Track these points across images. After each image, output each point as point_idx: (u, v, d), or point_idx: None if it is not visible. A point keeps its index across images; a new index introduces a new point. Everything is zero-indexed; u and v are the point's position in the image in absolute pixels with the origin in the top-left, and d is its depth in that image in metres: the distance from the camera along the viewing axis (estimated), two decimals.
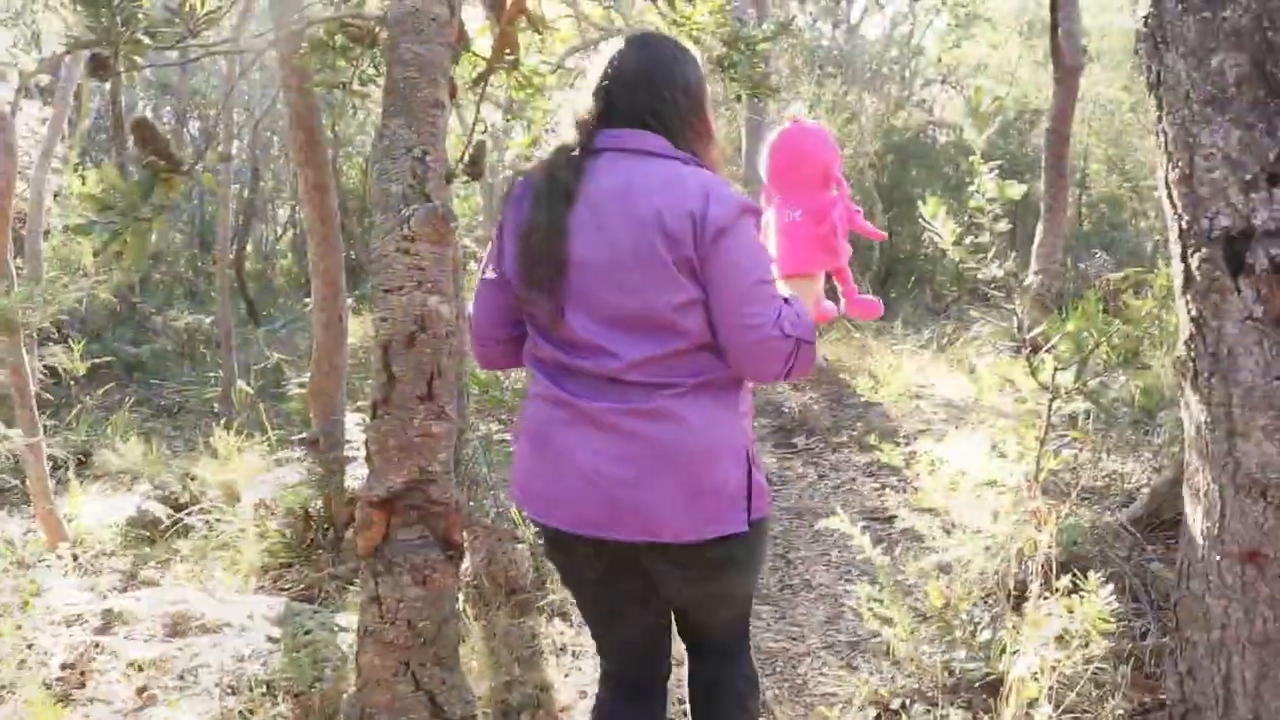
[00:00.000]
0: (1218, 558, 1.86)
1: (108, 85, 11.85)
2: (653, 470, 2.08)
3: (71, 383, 8.19)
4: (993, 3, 17.17)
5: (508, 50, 4.39)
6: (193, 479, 5.79)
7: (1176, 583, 1.97)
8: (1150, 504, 4.36)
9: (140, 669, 3.34)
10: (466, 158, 4.26)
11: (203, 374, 10.02)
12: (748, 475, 2.11)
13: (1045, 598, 2.93)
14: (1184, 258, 1.93)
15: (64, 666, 3.38)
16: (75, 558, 4.75)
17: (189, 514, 5.17)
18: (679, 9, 4.75)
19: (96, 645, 3.46)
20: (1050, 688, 2.82)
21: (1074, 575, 2.96)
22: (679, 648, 2.56)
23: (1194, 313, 1.91)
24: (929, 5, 17.24)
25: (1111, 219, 13.01)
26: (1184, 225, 1.92)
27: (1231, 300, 1.83)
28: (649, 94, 2.18)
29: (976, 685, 3.11)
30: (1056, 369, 2.89)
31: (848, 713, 3.24)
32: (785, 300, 2.08)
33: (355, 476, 4.64)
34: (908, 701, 3.18)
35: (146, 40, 3.18)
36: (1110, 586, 2.79)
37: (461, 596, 3.46)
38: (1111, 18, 18.21)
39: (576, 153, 2.21)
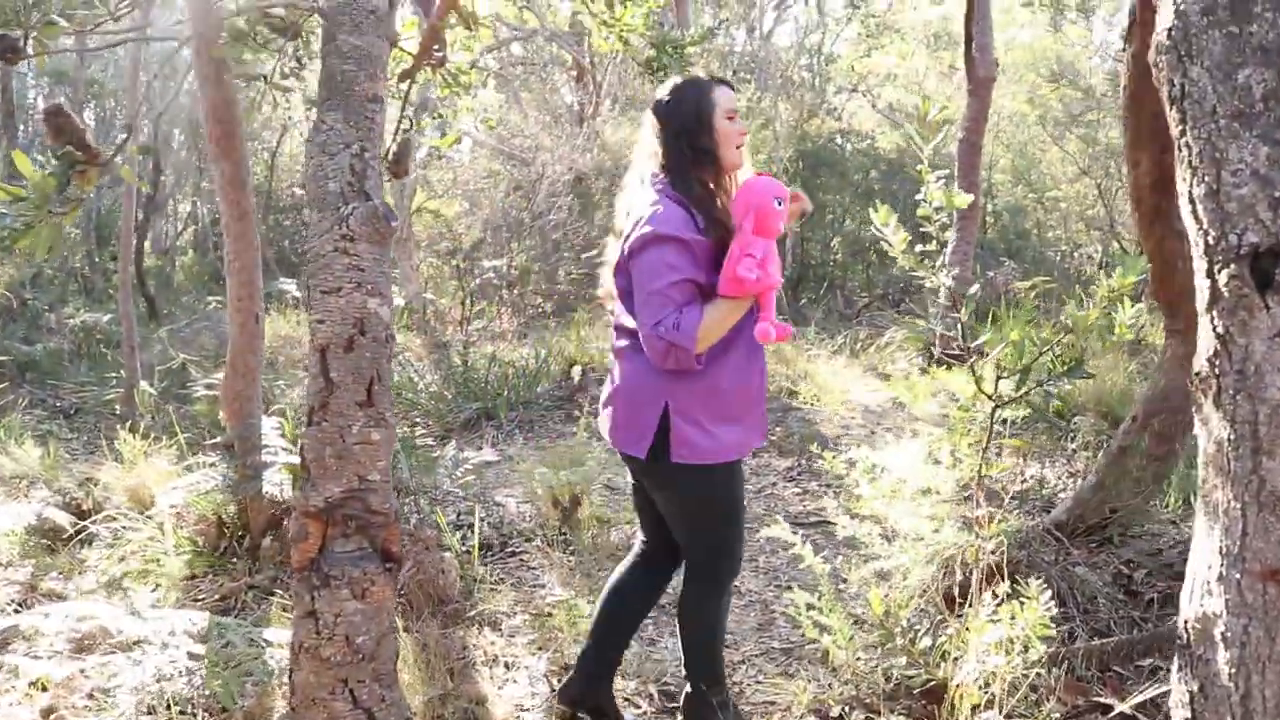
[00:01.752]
0: (1237, 576, 1.83)
1: None
2: (612, 397, 2.95)
3: None
4: (901, 14, 17.43)
5: (435, 46, 4.29)
6: (95, 484, 5.55)
7: (1187, 599, 1.95)
8: (1074, 509, 4.41)
9: (45, 688, 3.17)
10: (391, 155, 4.15)
11: (102, 374, 9.67)
12: (661, 420, 2.79)
13: (984, 604, 2.94)
14: (1209, 274, 1.91)
15: None
16: None
17: (94, 522, 4.95)
18: (610, 9, 4.68)
19: None
20: (992, 694, 2.82)
21: (1013, 581, 2.97)
22: None
23: (1220, 329, 1.89)
24: (839, 15, 17.48)
25: (1015, 228, 13.28)
26: (1210, 241, 1.89)
27: (1260, 317, 1.81)
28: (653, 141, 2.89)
29: (916, 692, 3.10)
30: (1000, 377, 2.90)
31: None
32: (680, 310, 2.67)
33: (273, 482, 4.49)
34: (847, 709, 3.16)
35: (62, 23, 3.02)
36: (1049, 593, 2.80)
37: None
38: (1015, 33, 18.63)
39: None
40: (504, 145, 13.75)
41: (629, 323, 2.84)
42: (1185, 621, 1.95)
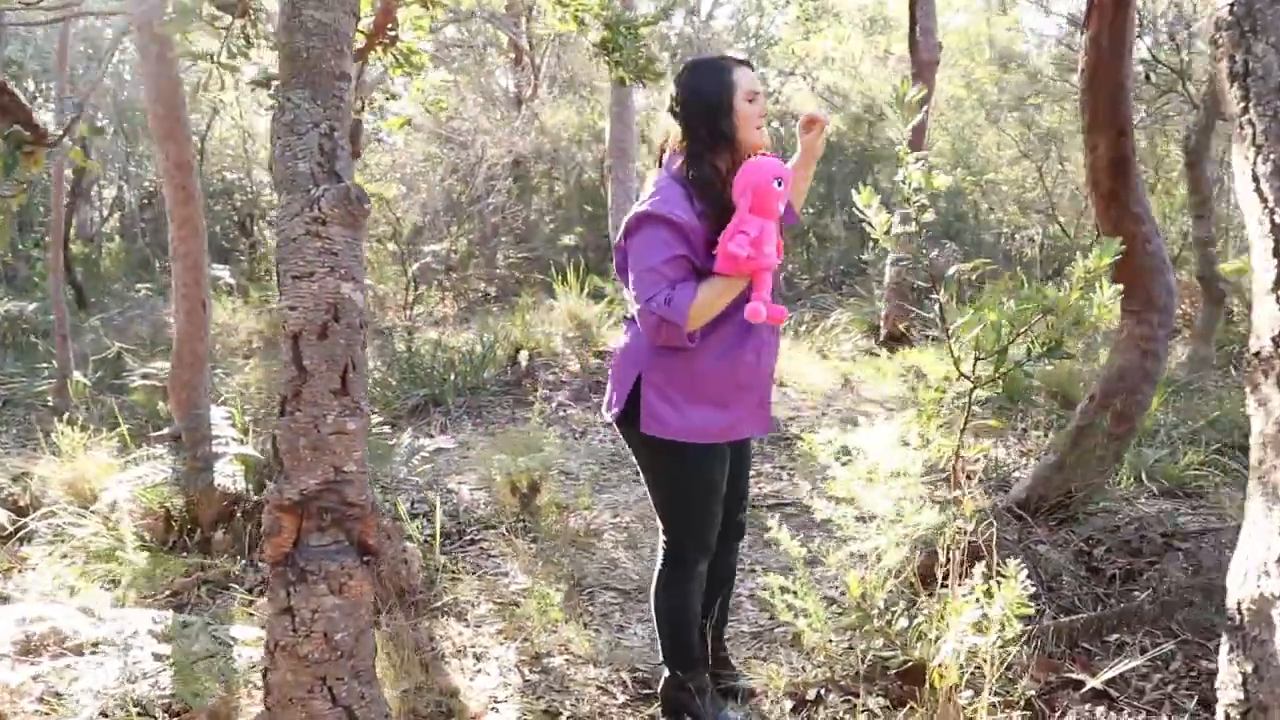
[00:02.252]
0: None
1: None
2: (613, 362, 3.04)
3: None
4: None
5: (390, 25, 4.19)
6: (31, 479, 5.36)
7: (1239, 581, 1.93)
8: (1034, 488, 4.44)
9: None
10: None
11: (31, 365, 9.37)
12: (632, 390, 2.86)
13: (962, 584, 2.93)
14: (1276, 252, 1.87)
15: None
16: None
17: (34, 519, 4.77)
18: None
19: None
20: (969, 672, 2.82)
21: (989, 562, 2.97)
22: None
23: None
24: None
25: (954, 210, 13.39)
26: (1277, 220, 1.86)
27: None
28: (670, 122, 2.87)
29: (892, 673, 3.09)
30: (978, 359, 2.88)
31: (763, 704, 3.19)
32: (673, 286, 2.68)
33: (224, 474, 4.37)
34: (823, 691, 3.15)
35: None
36: (1025, 572, 2.80)
37: None
38: (950, 17, 18.75)
39: None
40: (441, 128, 13.56)
41: (629, 295, 2.86)
42: (1239, 603, 1.92)
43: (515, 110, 14.80)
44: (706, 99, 2.74)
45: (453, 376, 7.84)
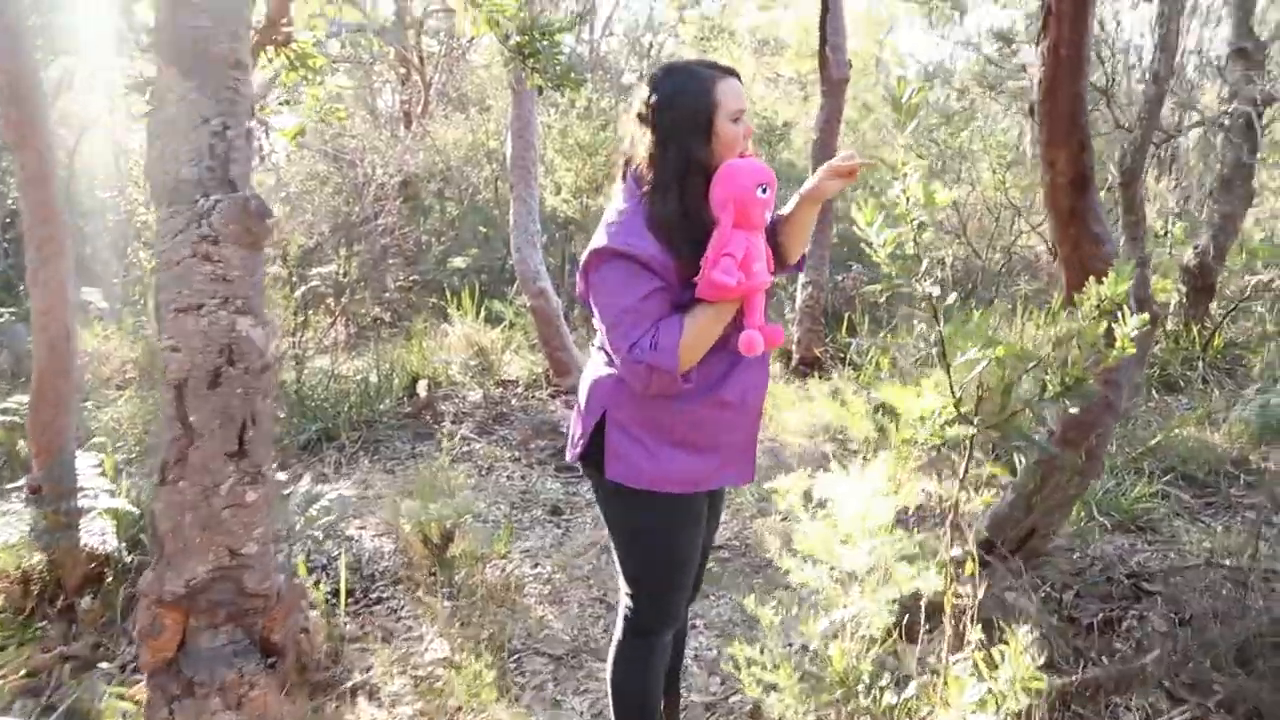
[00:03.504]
0: None
1: None
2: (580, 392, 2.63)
3: None
4: (734, 18, 17.35)
5: (284, 20, 3.71)
6: None
7: None
8: (995, 529, 4.13)
9: None
10: None
11: None
12: (595, 429, 2.48)
13: (958, 653, 2.58)
14: None
15: None
16: None
17: None
18: None
19: None
20: None
21: (971, 616, 2.63)
22: None
23: None
24: (670, 17, 17.25)
25: (856, 233, 13.22)
26: None
27: None
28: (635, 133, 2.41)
29: None
30: (981, 398, 2.54)
31: None
32: (655, 325, 2.29)
33: (92, 531, 3.80)
34: None
35: None
36: (1034, 639, 2.46)
37: None
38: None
39: None
40: (328, 145, 12.96)
41: (597, 324, 2.49)
42: None
43: (405, 128, 14.25)
44: (682, 120, 2.31)
45: (347, 409, 7.28)
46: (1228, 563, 4.28)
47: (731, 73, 2.39)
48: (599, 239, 2.35)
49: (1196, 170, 8.23)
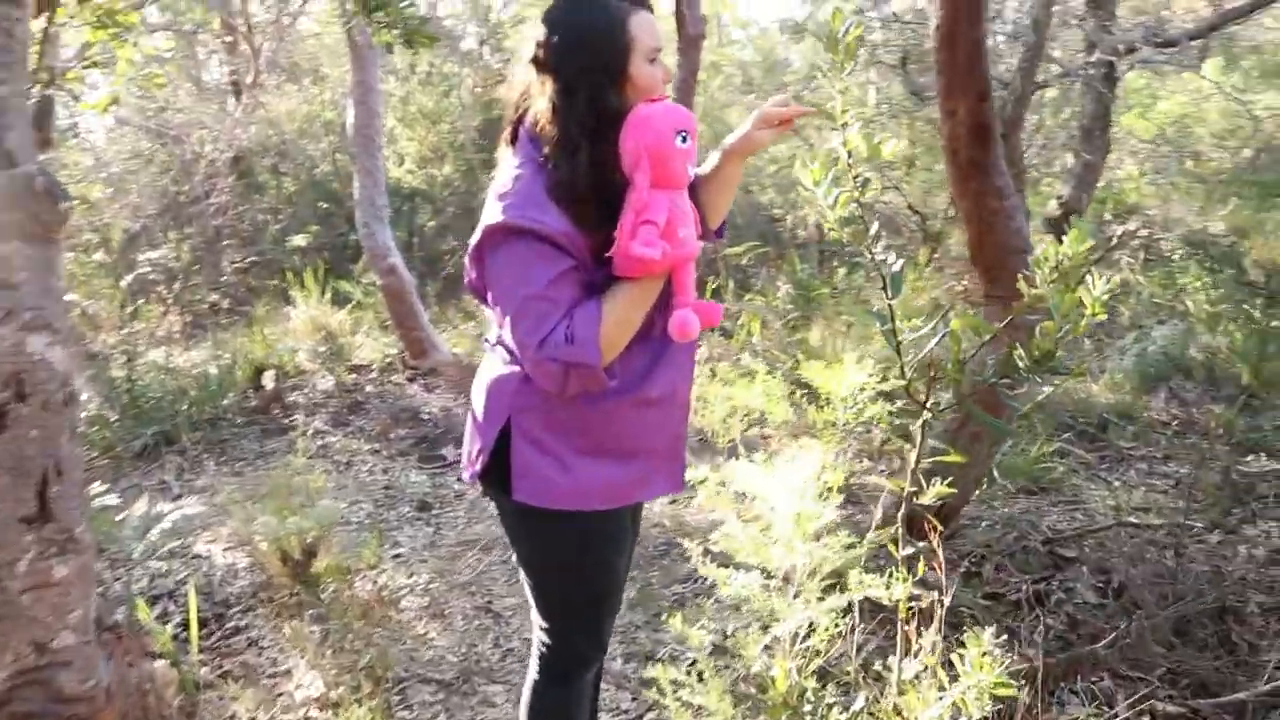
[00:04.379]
0: None
1: None
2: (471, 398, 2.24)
3: None
4: None
5: None
6: None
7: None
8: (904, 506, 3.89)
9: None
10: None
11: None
12: (497, 441, 2.08)
13: (914, 660, 2.30)
14: None
15: None
16: None
17: None
18: None
19: None
20: None
21: (959, 632, 2.34)
22: None
23: None
24: None
25: None
26: None
27: None
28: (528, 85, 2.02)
29: None
30: (935, 376, 2.23)
31: None
32: (568, 315, 1.92)
33: None
34: None
35: None
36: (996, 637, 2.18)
37: None
38: None
39: None
40: (151, 121, 12.06)
41: (490, 315, 2.14)
42: None
43: (234, 100, 13.39)
44: (589, 64, 1.91)
45: (186, 407, 6.66)
46: (1134, 520, 4.15)
47: (643, 3, 1.99)
48: (492, 213, 1.94)
49: (1058, 121, 8.20)
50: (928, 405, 2.25)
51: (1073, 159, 7.48)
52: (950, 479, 3.86)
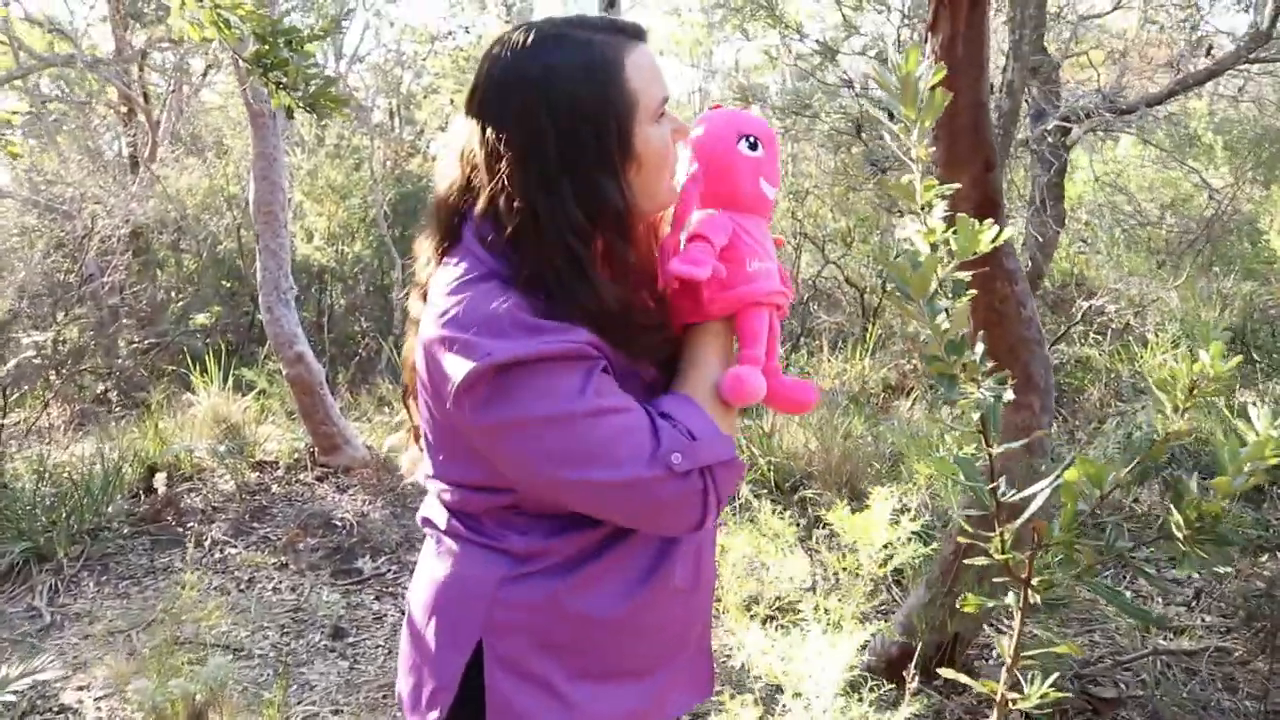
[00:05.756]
0: None
1: None
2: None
3: None
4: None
5: None
6: None
7: None
8: (906, 637, 3.34)
9: None
10: None
11: None
12: (464, 674, 1.42)
13: None
14: None
15: None
16: None
17: None
18: None
19: None
20: None
21: None
22: None
23: None
24: (420, 48, 16.20)
25: None
26: None
27: None
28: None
29: None
30: (1039, 544, 1.69)
31: None
32: (650, 413, 1.35)
33: None
34: None
35: None
36: None
37: None
38: None
39: None
40: (39, 195, 11.28)
41: (435, 488, 1.50)
42: None
43: (131, 174, 12.64)
44: (571, 131, 1.33)
45: (65, 516, 5.87)
46: (1168, 645, 3.67)
47: (638, 33, 1.43)
48: (463, 359, 1.29)
49: (1018, 188, 7.90)
50: (1032, 584, 1.69)
51: (1027, 229, 7.14)
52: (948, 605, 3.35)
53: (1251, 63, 6.56)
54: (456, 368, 1.30)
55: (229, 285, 12.30)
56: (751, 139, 1.44)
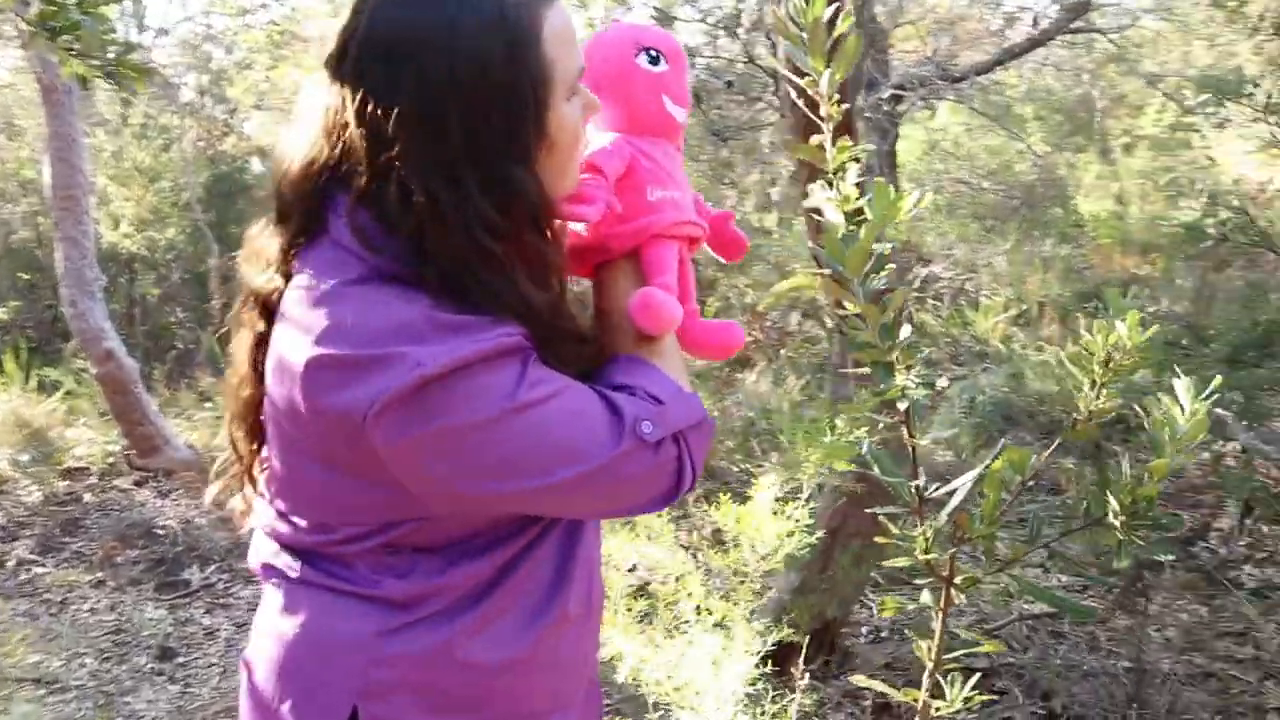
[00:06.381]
0: None
1: None
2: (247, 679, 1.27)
3: None
4: (309, 21, 15.80)
5: None
6: None
7: None
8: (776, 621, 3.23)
9: None
10: None
11: None
12: None
13: None
14: None
15: None
16: None
17: None
18: None
19: None
20: None
21: None
22: None
23: None
24: (230, 24, 15.43)
25: None
26: None
27: None
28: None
29: None
30: (963, 538, 1.52)
31: None
32: (608, 385, 1.19)
33: None
34: None
35: None
36: None
37: None
38: None
39: None
40: None
41: (283, 530, 1.22)
42: None
43: None
44: (488, 102, 1.07)
45: None
46: (1035, 610, 3.67)
47: None
48: (380, 376, 1.04)
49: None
50: (955, 582, 1.52)
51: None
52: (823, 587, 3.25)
53: (1073, 32, 6.68)
54: (371, 388, 1.05)
55: (27, 277, 11.48)
56: (653, 52, 1.25)
